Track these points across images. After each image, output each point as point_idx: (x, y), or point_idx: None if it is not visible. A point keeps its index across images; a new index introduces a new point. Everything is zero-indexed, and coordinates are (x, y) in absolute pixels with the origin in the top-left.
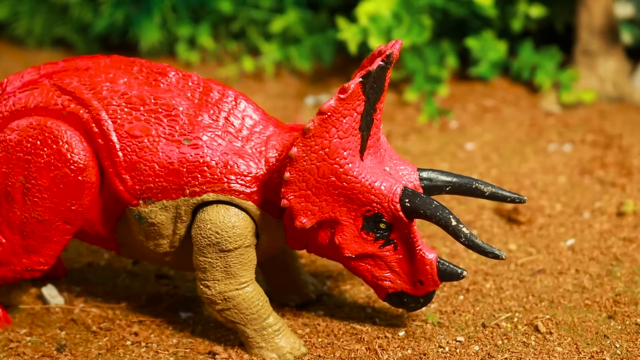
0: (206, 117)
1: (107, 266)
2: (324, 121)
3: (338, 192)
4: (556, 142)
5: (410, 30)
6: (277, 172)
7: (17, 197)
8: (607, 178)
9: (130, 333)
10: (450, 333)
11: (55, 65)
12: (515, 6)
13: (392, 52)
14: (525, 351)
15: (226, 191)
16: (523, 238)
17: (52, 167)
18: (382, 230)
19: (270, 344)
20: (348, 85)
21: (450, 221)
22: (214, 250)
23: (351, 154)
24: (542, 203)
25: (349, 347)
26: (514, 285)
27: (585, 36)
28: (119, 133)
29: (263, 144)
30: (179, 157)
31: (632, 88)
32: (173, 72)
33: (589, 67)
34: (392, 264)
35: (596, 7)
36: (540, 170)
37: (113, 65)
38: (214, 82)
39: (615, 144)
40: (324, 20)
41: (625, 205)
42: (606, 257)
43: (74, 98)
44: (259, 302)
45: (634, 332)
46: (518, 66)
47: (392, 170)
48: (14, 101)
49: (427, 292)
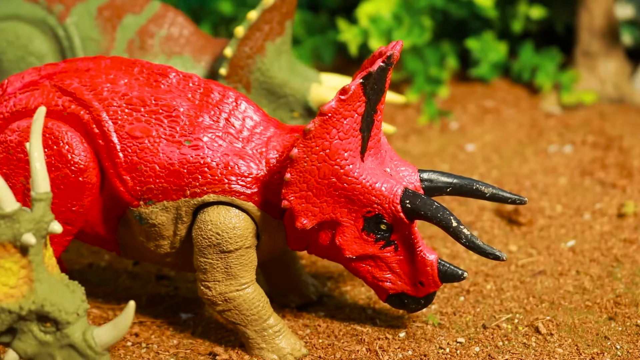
0: (207, 118)
1: (107, 267)
2: (324, 122)
3: (339, 193)
4: (557, 144)
5: (410, 32)
6: (277, 173)
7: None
8: (608, 179)
9: (131, 334)
10: (450, 334)
11: (56, 67)
12: (516, 7)
13: (392, 53)
14: (526, 352)
15: (227, 192)
16: (523, 239)
17: (52, 168)
18: (383, 232)
19: (271, 345)
20: (349, 86)
21: (451, 222)
22: (214, 251)
23: (352, 155)
24: (543, 204)
25: (349, 348)
26: (514, 287)
27: (586, 37)
28: (120, 134)
29: (264, 145)
30: (180, 158)
31: (632, 89)
32: (174, 73)
33: (589, 68)
34: (393, 265)
35: (596, 8)
36: (540, 172)
37: (114, 66)
38: (215, 83)
39: (615, 145)
40: (324, 22)
41: (626, 207)
42: (607, 259)
43: (74, 99)
44: (259, 303)
45: (634, 333)
46: (518, 67)
47: (393, 172)
48: (14, 102)
49: (427, 293)
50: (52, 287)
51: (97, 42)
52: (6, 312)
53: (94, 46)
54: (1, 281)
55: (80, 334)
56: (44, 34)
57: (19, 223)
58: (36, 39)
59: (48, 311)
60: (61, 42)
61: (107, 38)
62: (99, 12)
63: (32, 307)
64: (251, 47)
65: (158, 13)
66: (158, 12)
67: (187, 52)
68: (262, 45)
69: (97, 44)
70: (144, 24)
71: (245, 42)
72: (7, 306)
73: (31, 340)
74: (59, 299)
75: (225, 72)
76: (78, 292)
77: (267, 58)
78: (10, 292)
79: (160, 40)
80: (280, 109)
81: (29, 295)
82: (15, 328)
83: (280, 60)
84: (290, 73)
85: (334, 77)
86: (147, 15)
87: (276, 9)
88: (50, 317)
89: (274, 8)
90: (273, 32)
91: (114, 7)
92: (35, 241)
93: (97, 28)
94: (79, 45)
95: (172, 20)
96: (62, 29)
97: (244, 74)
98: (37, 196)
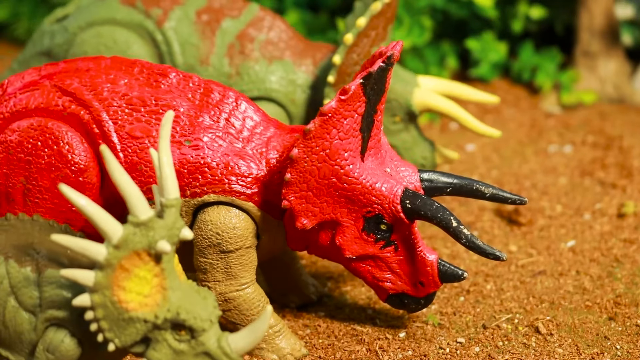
0: (207, 119)
1: None
2: (324, 122)
3: (339, 193)
4: (556, 143)
5: (410, 32)
6: (277, 174)
7: (18, 198)
8: (608, 179)
9: None
10: (450, 334)
11: (56, 67)
12: (516, 7)
13: (392, 54)
14: (526, 352)
15: (227, 192)
16: (524, 239)
17: (53, 168)
18: (383, 232)
19: (271, 345)
20: (349, 86)
21: (451, 222)
22: (214, 251)
23: (352, 155)
24: (543, 204)
25: (349, 348)
26: (514, 287)
27: (586, 37)
28: (120, 134)
29: (264, 145)
30: (180, 158)
31: (632, 89)
32: (174, 73)
33: (589, 68)
34: (393, 265)
35: (596, 8)
36: (540, 172)
37: (114, 67)
38: (215, 84)
39: (615, 145)
40: (324, 22)
41: (626, 207)
42: (607, 259)
43: (74, 99)
44: (259, 303)
45: (634, 333)
46: (518, 67)
47: (393, 172)
48: (14, 102)
49: (427, 293)
50: (185, 294)
51: (197, 47)
52: (141, 322)
53: (194, 51)
54: (135, 290)
55: (215, 341)
56: (141, 39)
57: (153, 230)
58: (134, 44)
59: (184, 319)
60: (159, 47)
61: (206, 43)
62: (198, 16)
63: (168, 315)
64: (358, 54)
65: (257, 16)
66: (257, 16)
67: (288, 56)
68: (369, 51)
69: (196, 49)
70: (243, 28)
71: (353, 48)
72: (142, 315)
73: (166, 349)
74: (193, 306)
75: (333, 79)
76: (209, 299)
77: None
78: (145, 301)
79: (260, 44)
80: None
81: (163, 304)
82: (149, 338)
83: None
84: (393, 77)
85: (432, 80)
86: (246, 19)
87: (383, 14)
88: (185, 325)
89: (381, 14)
90: (378, 38)
91: (212, 10)
92: (170, 248)
93: (196, 32)
94: (178, 50)
95: (271, 23)
96: (160, 33)
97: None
98: (167, 202)
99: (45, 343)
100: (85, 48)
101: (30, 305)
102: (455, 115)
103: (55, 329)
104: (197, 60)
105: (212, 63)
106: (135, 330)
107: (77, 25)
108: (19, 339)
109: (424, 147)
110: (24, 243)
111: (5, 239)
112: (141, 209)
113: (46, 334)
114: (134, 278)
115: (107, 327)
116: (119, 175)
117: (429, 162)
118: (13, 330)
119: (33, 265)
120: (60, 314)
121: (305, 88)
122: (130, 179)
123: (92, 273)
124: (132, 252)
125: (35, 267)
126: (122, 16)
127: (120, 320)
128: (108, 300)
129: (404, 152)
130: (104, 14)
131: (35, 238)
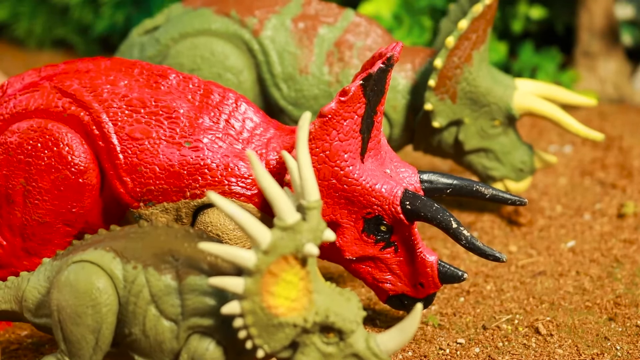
0: (207, 120)
1: None
2: (324, 124)
3: (339, 195)
4: (557, 144)
5: (410, 32)
6: (277, 175)
7: (17, 199)
8: (608, 179)
9: None
10: (450, 335)
11: (56, 68)
12: (516, 7)
13: (392, 55)
14: (526, 353)
15: (227, 193)
16: (523, 240)
17: (52, 170)
18: (383, 233)
19: None
20: (349, 87)
21: (451, 223)
22: None
23: (352, 157)
24: (543, 204)
25: None
26: (514, 287)
27: (586, 37)
28: (120, 135)
29: (264, 147)
30: (180, 160)
31: (632, 89)
32: (174, 74)
33: (589, 68)
34: (393, 267)
35: (596, 9)
36: (540, 172)
37: (114, 68)
38: (215, 85)
39: (615, 146)
40: None
41: (626, 207)
42: (607, 259)
43: (74, 100)
44: None
45: (634, 334)
46: (518, 67)
47: (393, 173)
48: (14, 103)
49: (427, 294)
50: (330, 296)
51: (294, 55)
52: (291, 326)
53: (292, 59)
54: (284, 295)
55: (364, 342)
56: (237, 49)
57: (300, 234)
58: (232, 55)
59: (333, 321)
60: (256, 56)
61: (304, 51)
62: (294, 24)
63: (317, 318)
64: (459, 57)
65: (353, 22)
66: (353, 22)
67: None
68: (470, 54)
69: (294, 57)
70: (341, 34)
71: (454, 52)
72: (291, 320)
73: (315, 353)
74: (339, 308)
75: (434, 83)
76: (354, 300)
77: (474, 67)
78: (292, 306)
79: (358, 51)
80: (482, 118)
81: (310, 307)
82: (296, 342)
83: (483, 68)
84: (492, 81)
85: (530, 82)
86: (343, 25)
87: (483, 16)
88: (334, 328)
89: (481, 16)
90: (479, 40)
91: (308, 17)
92: (317, 251)
93: (293, 41)
94: (276, 59)
95: (368, 29)
96: (256, 42)
97: (452, 84)
98: (309, 204)
99: (190, 352)
100: (181, 60)
101: (172, 313)
102: (557, 119)
103: (199, 337)
104: (296, 69)
105: (311, 72)
106: (284, 336)
107: (169, 36)
108: (159, 347)
109: (522, 151)
110: (162, 250)
111: (141, 246)
112: (288, 212)
113: (189, 342)
114: (282, 283)
115: (257, 334)
116: (264, 180)
117: (528, 166)
118: (154, 339)
119: (173, 273)
120: (204, 322)
121: (405, 94)
122: (276, 184)
123: (242, 280)
124: (280, 257)
125: (175, 274)
126: (217, 26)
127: (269, 326)
128: (257, 306)
129: (502, 156)
130: (198, 24)
131: (172, 245)
